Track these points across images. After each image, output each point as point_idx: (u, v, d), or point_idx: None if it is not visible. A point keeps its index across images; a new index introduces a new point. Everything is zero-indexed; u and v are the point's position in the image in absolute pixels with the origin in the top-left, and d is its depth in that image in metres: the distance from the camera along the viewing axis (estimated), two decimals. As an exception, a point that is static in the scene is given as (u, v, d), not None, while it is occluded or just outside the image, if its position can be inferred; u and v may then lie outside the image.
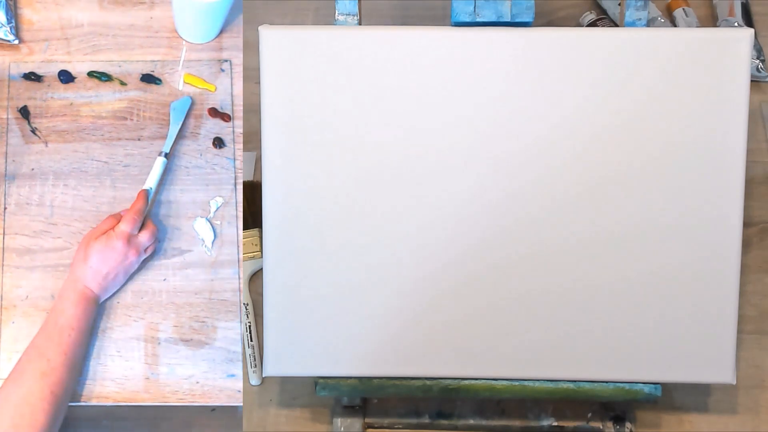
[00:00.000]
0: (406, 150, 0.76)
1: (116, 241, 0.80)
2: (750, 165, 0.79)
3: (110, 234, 0.80)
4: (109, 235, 0.80)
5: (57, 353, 0.76)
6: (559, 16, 1.04)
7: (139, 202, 0.83)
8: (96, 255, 0.80)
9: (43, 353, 0.76)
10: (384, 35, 0.76)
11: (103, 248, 0.80)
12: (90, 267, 0.80)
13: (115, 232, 0.80)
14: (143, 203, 0.83)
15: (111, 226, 0.81)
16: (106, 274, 0.80)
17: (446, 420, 0.84)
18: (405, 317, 0.77)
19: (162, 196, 0.88)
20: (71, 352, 0.77)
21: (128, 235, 0.80)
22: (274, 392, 0.87)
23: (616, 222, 0.76)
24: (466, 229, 0.76)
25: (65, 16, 0.94)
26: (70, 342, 0.77)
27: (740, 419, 0.85)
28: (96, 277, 0.80)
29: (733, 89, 0.74)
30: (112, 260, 0.80)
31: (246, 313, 0.88)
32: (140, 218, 0.82)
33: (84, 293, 0.79)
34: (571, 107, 0.75)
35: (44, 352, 0.76)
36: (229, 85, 0.93)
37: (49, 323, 0.78)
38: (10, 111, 0.89)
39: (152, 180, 0.86)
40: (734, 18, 1.01)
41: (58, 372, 0.75)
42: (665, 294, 0.76)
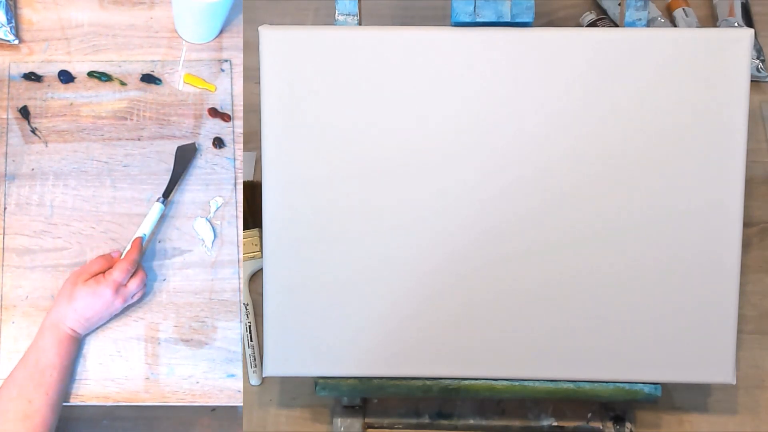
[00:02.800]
0: (406, 150, 0.76)
1: (105, 288, 0.79)
2: (750, 165, 0.79)
3: (99, 280, 0.79)
4: (98, 281, 0.79)
5: (39, 394, 0.75)
6: (559, 16, 1.04)
7: (133, 251, 0.82)
8: (82, 300, 0.78)
9: (25, 394, 0.75)
10: (384, 35, 0.76)
11: (90, 294, 0.78)
12: (74, 310, 0.79)
13: (105, 280, 0.79)
14: (137, 253, 0.82)
15: (100, 268, 0.80)
16: (89, 317, 0.79)
17: (446, 420, 0.84)
18: (405, 317, 0.77)
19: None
20: (53, 392, 0.76)
21: (118, 284, 0.79)
22: (274, 392, 0.87)
23: (616, 222, 0.76)
24: (466, 229, 0.76)
25: (65, 16, 0.94)
26: (52, 382, 0.76)
27: (740, 419, 0.85)
28: (79, 319, 0.79)
29: (733, 89, 0.74)
30: (98, 306, 0.79)
31: (246, 313, 0.88)
32: (133, 268, 0.81)
33: (66, 333, 0.79)
34: (571, 107, 0.75)
35: (26, 393, 0.75)
36: (229, 85, 0.93)
37: (30, 362, 0.77)
38: (10, 111, 0.89)
39: (147, 226, 0.84)
40: (734, 18, 1.01)
41: (41, 413, 0.75)
42: (665, 294, 0.76)
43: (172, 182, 0.87)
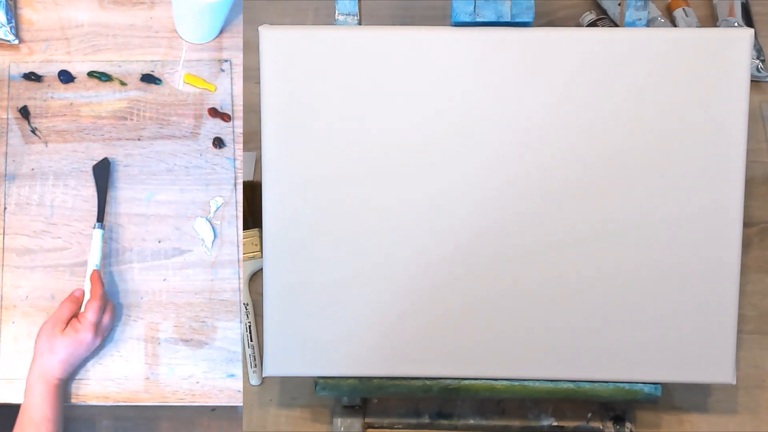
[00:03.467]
0: (406, 150, 0.76)
1: (85, 334, 0.78)
2: (750, 165, 0.79)
3: (76, 326, 0.79)
4: (76, 328, 0.79)
5: None
6: (559, 16, 1.04)
7: (95, 286, 0.81)
8: (64, 350, 0.78)
9: None
10: (384, 35, 0.76)
11: (72, 342, 0.78)
12: (59, 361, 0.78)
13: (82, 324, 0.79)
14: (100, 286, 0.81)
15: (71, 312, 0.80)
16: (73, 363, 0.80)
17: (446, 420, 0.84)
18: (405, 317, 0.77)
19: (162, 196, 0.88)
20: None
21: (95, 325, 0.79)
22: (274, 392, 0.87)
23: (616, 222, 0.76)
24: (466, 229, 0.76)
25: (65, 16, 0.94)
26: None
27: (740, 419, 0.85)
28: (64, 367, 0.79)
29: (733, 89, 0.74)
30: (81, 352, 0.79)
31: (246, 313, 0.88)
32: (103, 303, 0.80)
33: (53, 383, 0.79)
34: (570, 107, 0.75)
35: None
36: (229, 85, 0.93)
37: (24, 420, 0.77)
38: (10, 111, 0.89)
39: (96, 256, 0.83)
40: (734, 18, 1.01)
41: None
42: (665, 294, 0.76)
43: (100, 203, 0.85)
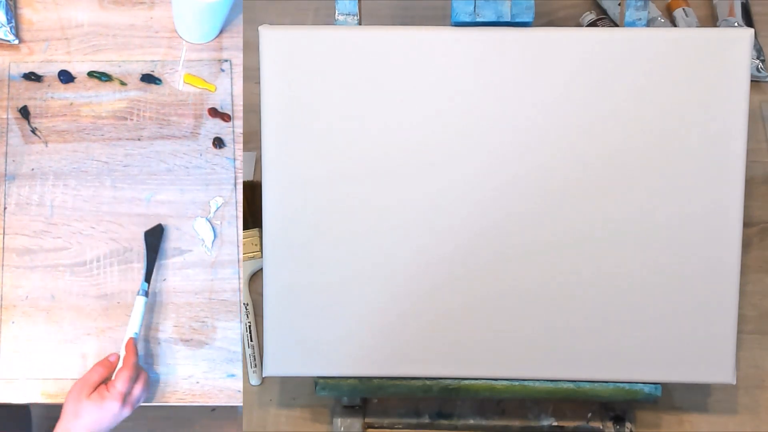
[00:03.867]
0: (406, 150, 0.76)
1: (111, 402, 0.75)
2: (750, 165, 0.79)
3: (104, 393, 0.76)
4: (103, 396, 0.76)
5: None
6: (559, 16, 1.04)
7: (129, 356, 0.79)
8: (89, 416, 0.75)
9: None
10: (384, 35, 0.76)
11: (97, 409, 0.75)
12: (83, 426, 0.75)
13: (110, 393, 0.76)
14: (134, 355, 0.79)
15: (101, 377, 0.78)
16: (98, 430, 0.76)
17: (446, 420, 0.84)
18: (405, 317, 0.77)
19: (162, 196, 0.88)
20: None
21: (124, 395, 0.76)
22: (274, 392, 0.87)
23: (616, 222, 0.76)
24: (466, 229, 0.76)
25: (65, 16, 0.94)
26: None
27: (740, 419, 0.85)
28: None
29: (733, 89, 0.74)
30: (106, 420, 0.76)
31: (246, 313, 0.88)
32: (135, 373, 0.78)
33: None
34: (570, 107, 0.75)
35: None
36: (229, 85, 0.93)
37: None
38: (10, 111, 0.89)
39: (135, 324, 0.81)
40: (734, 18, 1.01)
41: None
42: (665, 294, 0.76)
43: (149, 270, 0.84)
